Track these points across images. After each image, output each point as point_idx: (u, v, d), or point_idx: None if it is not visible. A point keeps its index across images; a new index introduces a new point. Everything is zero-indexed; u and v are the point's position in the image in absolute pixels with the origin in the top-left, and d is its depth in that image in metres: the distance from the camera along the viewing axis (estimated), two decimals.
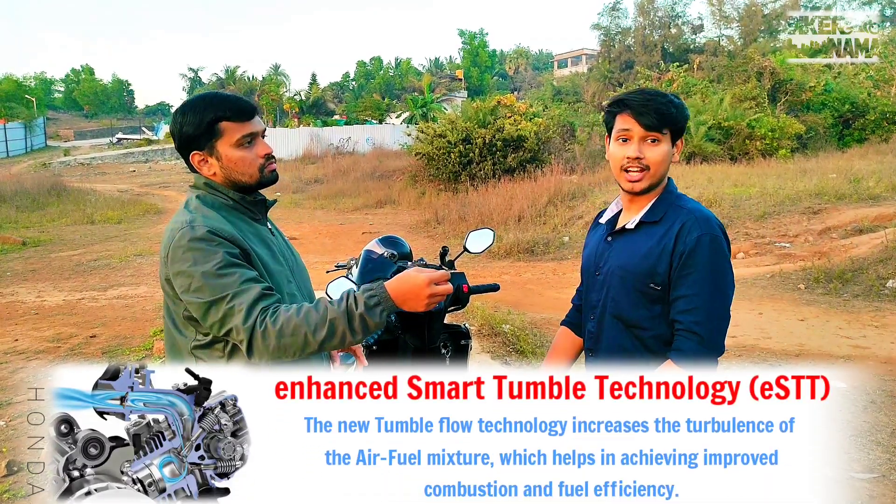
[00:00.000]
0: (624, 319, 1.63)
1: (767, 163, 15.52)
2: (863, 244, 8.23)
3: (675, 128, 1.60)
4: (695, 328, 1.48)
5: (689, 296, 1.50)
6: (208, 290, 1.40)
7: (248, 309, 1.38)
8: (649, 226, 1.61)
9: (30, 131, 41.69)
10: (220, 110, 1.53)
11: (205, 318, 1.43)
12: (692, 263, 1.50)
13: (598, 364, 1.69)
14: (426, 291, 1.42)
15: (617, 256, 1.66)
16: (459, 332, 2.40)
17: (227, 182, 1.60)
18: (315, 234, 13.10)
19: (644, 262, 1.57)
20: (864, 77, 22.83)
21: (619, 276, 1.63)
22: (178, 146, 1.59)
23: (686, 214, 1.56)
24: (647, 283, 1.56)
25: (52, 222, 14.73)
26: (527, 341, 5.40)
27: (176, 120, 1.57)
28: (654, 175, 1.59)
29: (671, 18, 36.32)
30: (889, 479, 3.21)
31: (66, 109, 77.34)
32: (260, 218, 1.68)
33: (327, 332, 1.38)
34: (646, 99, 1.58)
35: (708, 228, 1.52)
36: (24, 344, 5.78)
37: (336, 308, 1.39)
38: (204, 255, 1.42)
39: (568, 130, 19.96)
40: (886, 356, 5.17)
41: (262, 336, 1.37)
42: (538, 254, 10.35)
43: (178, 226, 1.48)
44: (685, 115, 1.62)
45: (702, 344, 1.48)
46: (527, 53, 78.96)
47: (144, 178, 26.52)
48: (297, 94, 47.34)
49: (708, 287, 1.49)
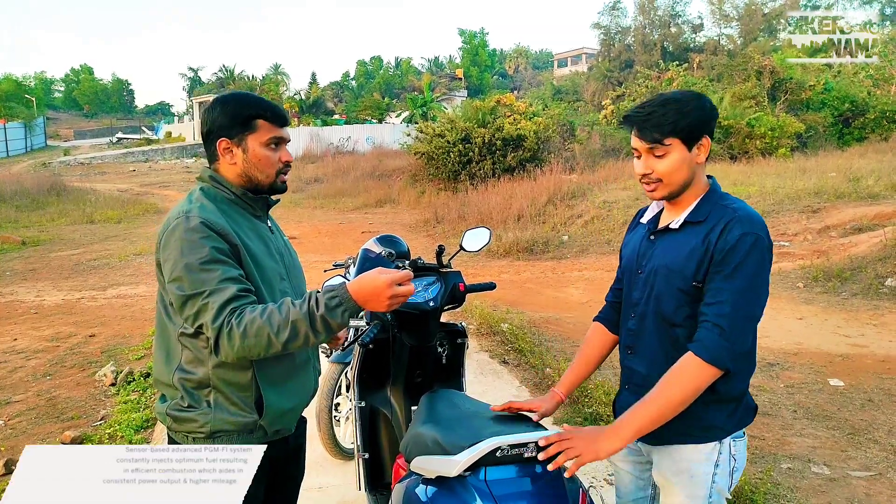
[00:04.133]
0: (667, 318, 1.61)
1: (767, 162, 15.52)
2: (862, 243, 8.23)
3: (683, 133, 1.54)
4: (717, 320, 1.46)
5: (719, 289, 1.48)
6: (188, 283, 1.44)
7: (219, 308, 1.42)
8: (693, 225, 1.59)
9: (30, 131, 41.73)
10: (261, 109, 1.61)
11: (181, 309, 1.48)
12: (729, 260, 1.48)
13: (637, 362, 1.70)
14: (387, 292, 1.43)
15: (661, 255, 1.63)
16: (456, 330, 2.40)
17: (242, 176, 1.63)
18: (314, 233, 13.10)
19: (688, 261, 1.55)
20: (864, 76, 22.84)
21: (663, 274, 1.61)
22: (207, 132, 1.64)
23: (730, 213, 1.53)
24: (691, 281, 1.54)
25: (51, 222, 14.74)
26: (525, 340, 5.40)
27: (214, 108, 1.63)
28: (669, 184, 1.58)
29: (671, 17, 36.34)
30: (886, 477, 3.22)
31: (65, 109, 77.44)
32: (260, 215, 1.71)
33: (290, 334, 1.40)
34: (647, 113, 1.55)
35: (751, 227, 1.49)
36: (24, 343, 5.79)
37: (298, 310, 1.41)
38: (192, 246, 1.46)
39: (567, 130, 19.95)
40: (884, 355, 5.17)
41: (227, 336, 1.41)
42: (537, 253, 10.35)
43: (175, 214, 1.53)
44: (696, 116, 1.55)
45: (722, 336, 1.45)
46: (526, 53, 79.00)
47: (144, 177, 26.54)
48: (297, 93, 47.33)
49: (740, 283, 1.47)
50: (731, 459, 1.59)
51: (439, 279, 2.29)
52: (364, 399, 2.37)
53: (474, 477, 1.48)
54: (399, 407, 2.31)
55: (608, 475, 3.19)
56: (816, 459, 3.40)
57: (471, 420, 1.73)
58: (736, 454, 1.59)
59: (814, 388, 4.49)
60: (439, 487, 1.56)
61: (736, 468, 1.60)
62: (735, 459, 1.59)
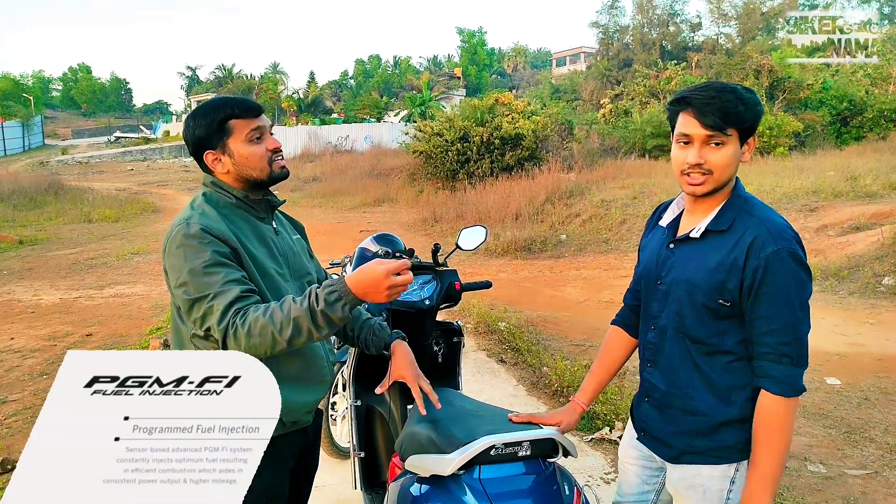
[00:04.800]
0: (689, 336, 1.52)
1: (765, 160, 15.52)
2: (859, 242, 8.23)
3: (743, 127, 1.44)
4: (784, 349, 1.39)
5: (772, 316, 1.39)
6: (193, 287, 1.48)
7: (224, 310, 1.45)
8: (716, 235, 1.48)
9: (27, 130, 41.68)
10: (228, 109, 1.62)
11: (189, 313, 1.51)
12: (770, 281, 1.38)
13: (656, 377, 1.62)
14: (385, 283, 1.43)
15: (682, 268, 1.53)
16: (452, 329, 2.40)
17: (239, 179, 1.65)
18: (313, 232, 12.92)
19: (713, 276, 1.45)
20: (862, 75, 22.87)
21: (685, 290, 1.51)
22: (193, 150, 1.66)
23: (757, 226, 1.43)
24: (717, 298, 1.45)
25: (49, 221, 14.71)
26: (522, 339, 5.40)
27: (188, 125, 1.65)
28: (718, 180, 1.47)
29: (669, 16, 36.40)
30: (882, 475, 3.22)
31: (63, 108, 77.32)
32: (264, 217, 1.72)
33: (293, 331, 1.42)
34: (710, 96, 1.43)
35: (785, 242, 1.40)
36: (20, 342, 5.78)
37: (299, 306, 1.43)
38: (193, 252, 1.49)
39: (566, 128, 19.94)
40: (881, 353, 5.18)
41: (233, 337, 1.44)
42: (535, 252, 10.35)
43: (178, 221, 1.56)
44: (756, 112, 1.45)
45: (793, 363, 1.39)
46: (525, 51, 78.99)
47: (142, 176, 26.51)
48: (296, 92, 47.38)
49: (790, 305, 1.39)
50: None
51: (435, 278, 2.29)
52: (360, 398, 2.37)
53: (469, 475, 1.49)
54: (395, 406, 2.31)
55: (604, 473, 3.19)
56: (813, 458, 3.40)
57: (466, 419, 1.73)
58: None
59: (810, 386, 4.49)
60: (434, 486, 1.56)
61: None
62: None
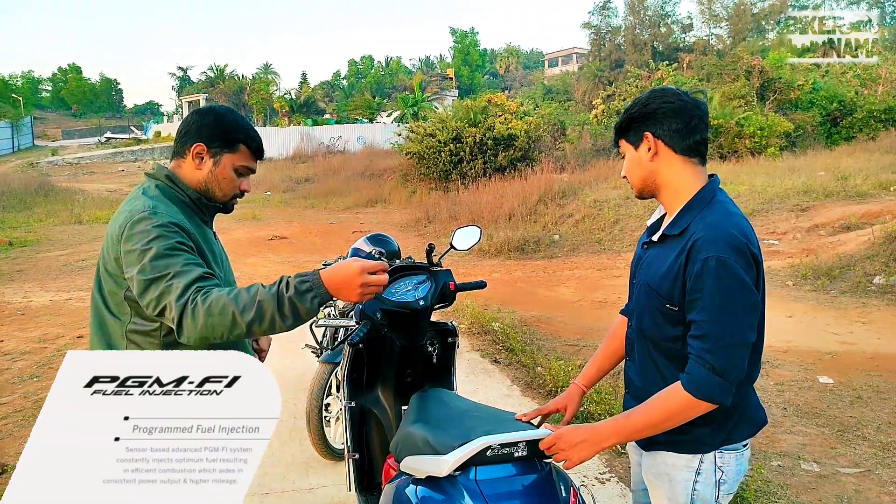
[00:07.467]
0: (648, 336, 1.58)
1: (756, 161, 15.62)
2: (850, 241, 8.29)
3: (624, 132, 1.59)
4: (706, 356, 1.40)
5: (700, 322, 1.41)
6: (152, 269, 1.44)
7: (185, 287, 1.40)
8: (671, 239, 1.52)
9: (17, 130, 41.33)
10: (249, 137, 1.70)
11: (143, 295, 1.45)
12: (701, 287, 1.40)
13: (633, 371, 1.68)
14: (358, 280, 1.42)
15: (646, 271, 1.59)
16: (446, 329, 2.38)
17: (200, 184, 1.68)
18: (305, 233, 13.05)
19: (663, 281, 1.49)
20: (852, 76, 23.04)
21: (644, 292, 1.57)
22: (186, 131, 1.67)
23: (702, 230, 1.43)
24: (665, 303, 1.49)
25: (39, 222, 14.60)
26: (516, 339, 5.39)
27: (210, 113, 1.68)
28: (634, 184, 1.61)
29: (661, 17, 36.56)
30: (875, 473, 3.24)
31: (53, 108, 76.77)
32: (207, 220, 1.76)
33: (255, 314, 1.37)
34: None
35: (715, 250, 1.39)
36: (10, 345, 5.72)
37: (267, 291, 1.39)
38: (158, 239, 1.47)
39: (558, 129, 20.02)
40: (873, 352, 5.21)
41: (191, 313, 1.38)
42: (528, 252, 10.36)
43: (139, 208, 1.53)
44: (633, 112, 1.54)
45: (713, 372, 1.39)
46: (517, 52, 79.04)
47: (133, 177, 26.35)
48: (288, 92, 47.17)
49: (716, 313, 1.39)
50: (716, 471, 1.53)
51: (429, 278, 2.28)
52: (354, 399, 2.35)
53: (464, 476, 1.47)
54: (389, 407, 2.29)
55: (599, 474, 3.19)
56: (806, 456, 3.41)
57: (461, 419, 1.72)
58: (723, 466, 1.53)
59: (803, 385, 4.51)
60: (429, 487, 1.55)
61: (724, 480, 1.53)
62: (722, 472, 1.53)
